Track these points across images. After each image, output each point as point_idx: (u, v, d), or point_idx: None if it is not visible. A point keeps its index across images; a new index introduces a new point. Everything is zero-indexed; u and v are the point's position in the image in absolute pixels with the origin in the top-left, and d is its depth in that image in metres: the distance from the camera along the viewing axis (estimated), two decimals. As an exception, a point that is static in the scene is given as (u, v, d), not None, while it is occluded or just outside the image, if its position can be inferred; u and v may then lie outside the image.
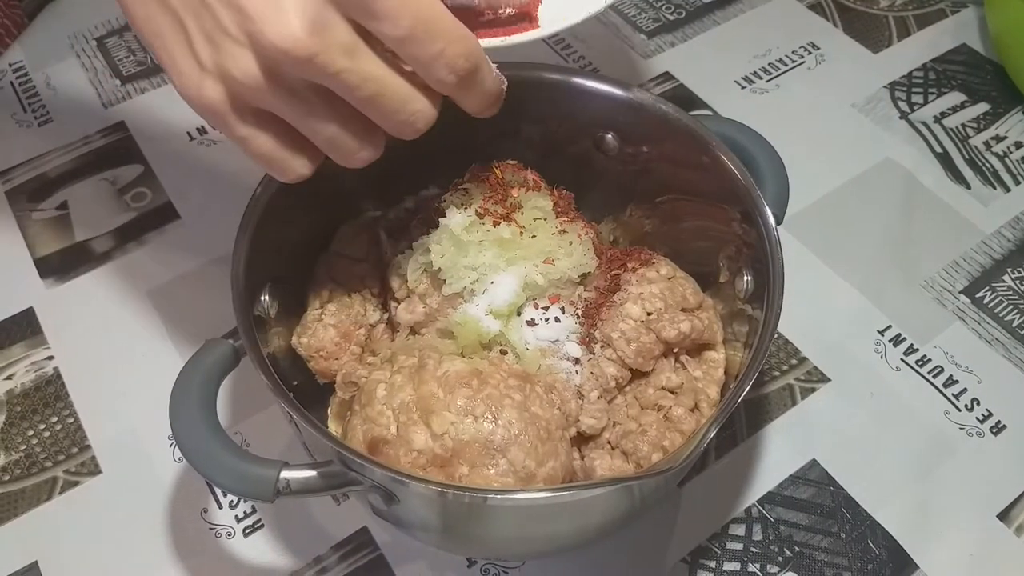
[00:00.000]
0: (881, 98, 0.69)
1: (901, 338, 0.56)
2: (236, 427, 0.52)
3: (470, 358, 0.43)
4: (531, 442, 0.39)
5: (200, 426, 0.37)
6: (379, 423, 0.40)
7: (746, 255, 0.46)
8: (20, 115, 0.69)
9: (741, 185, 0.45)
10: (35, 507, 0.50)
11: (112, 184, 0.65)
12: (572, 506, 0.38)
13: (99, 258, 0.61)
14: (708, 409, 0.45)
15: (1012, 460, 0.51)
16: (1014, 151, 0.66)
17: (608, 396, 0.45)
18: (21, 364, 0.56)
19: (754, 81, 0.71)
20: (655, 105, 0.48)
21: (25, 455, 0.52)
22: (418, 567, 0.48)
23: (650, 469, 0.39)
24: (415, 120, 0.36)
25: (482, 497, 0.36)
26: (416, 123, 0.36)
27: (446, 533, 0.43)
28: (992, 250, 0.60)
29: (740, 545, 0.48)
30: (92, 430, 0.53)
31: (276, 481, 0.36)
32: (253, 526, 0.49)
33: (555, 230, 0.46)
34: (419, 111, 0.36)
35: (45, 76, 0.72)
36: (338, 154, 0.37)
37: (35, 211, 0.63)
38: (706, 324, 0.47)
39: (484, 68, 0.36)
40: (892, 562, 0.48)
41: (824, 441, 0.52)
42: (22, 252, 0.61)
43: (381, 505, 0.39)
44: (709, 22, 0.75)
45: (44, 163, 0.66)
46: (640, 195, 0.52)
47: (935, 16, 0.75)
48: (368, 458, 0.37)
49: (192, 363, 0.39)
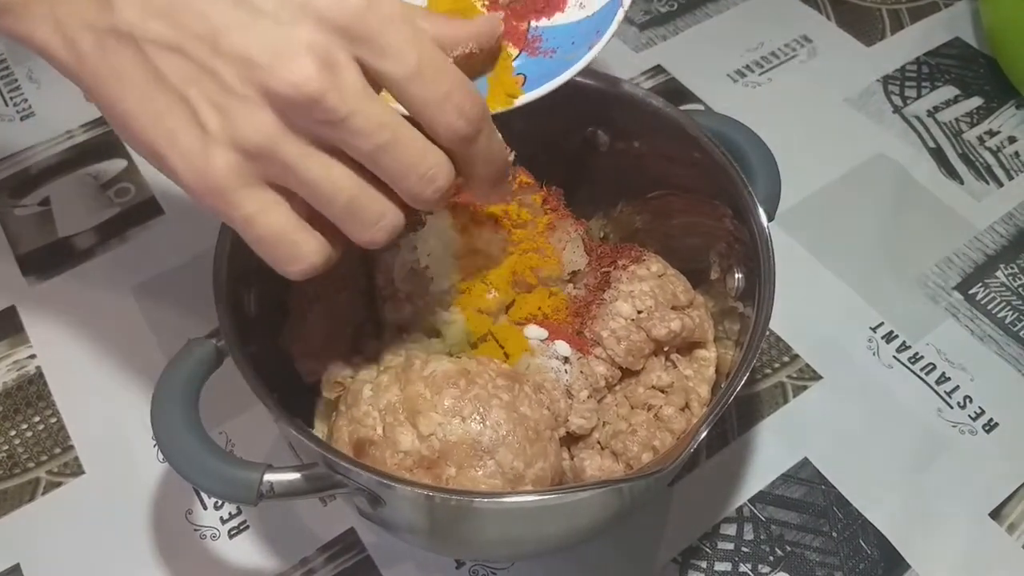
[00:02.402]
0: (874, 92, 0.69)
1: (893, 335, 0.56)
2: (221, 427, 0.52)
3: (458, 357, 0.42)
4: (519, 443, 0.39)
5: (182, 428, 0.37)
6: (365, 424, 0.40)
7: (737, 252, 0.46)
8: (2, 109, 0.68)
9: (732, 181, 0.44)
10: (17, 508, 0.49)
11: (95, 179, 0.64)
12: (561, 508, 0.38)
13: (82, 255, 0.60)
14: (699, 408, 0.45)
15: (1004, 458, 0.51)
16: (1007, 146, 0.65)
17: (598, 395, 0.44)
18: (3, 363, 0.55)
19: (746, 75, 0.70)
20: (646, 100, 0.48)
21: (7, 456, 0.51)
22: (405, 568, 0.47)
23: (640, 470, 0.39)
24: (436, 175, 0.33)
25: (469, 500, 0.36)
26: (437, 180, 0.33)
27: (433, 535, 0.43)
28: (985, 246, 0.60)
29: (731, 545, 0.48)
30: (75, 430, 0.52)
31: (259, 484, 0.36)
32: (238, 527, 0.48)
33: (542, 228, 0.45)
34: (438, 165, 0.33)
35: (27, 69, 0.71)
36: (358, 223, 0.33)
37: (17, 207, 0.62)
38: (697, 322, 0.46)
39: (490, 124, 0.34)
40: (884, 561, 0.47)
41: (816, 439, 0.52)
42: (4, 249, 0.60)
43: (367, 508, 0.39)
44: (701, 15, 0.75)
45: (26, 158, 0.65)
46: (631, 191, 0.52)
47: (928, 9, 0.75)
48: (354, 461, 0.37)
49: (174, 364, 0.39)
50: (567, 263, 0.46)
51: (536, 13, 0.44)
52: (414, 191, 0.33)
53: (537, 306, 0.44)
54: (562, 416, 0.42)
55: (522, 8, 0.44)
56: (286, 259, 0.33)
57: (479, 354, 0.43)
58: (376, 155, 0.32)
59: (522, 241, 0.44)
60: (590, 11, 0.43)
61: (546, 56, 0.43)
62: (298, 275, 0.34)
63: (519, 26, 0.43)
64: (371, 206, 0.33)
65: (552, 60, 0.43)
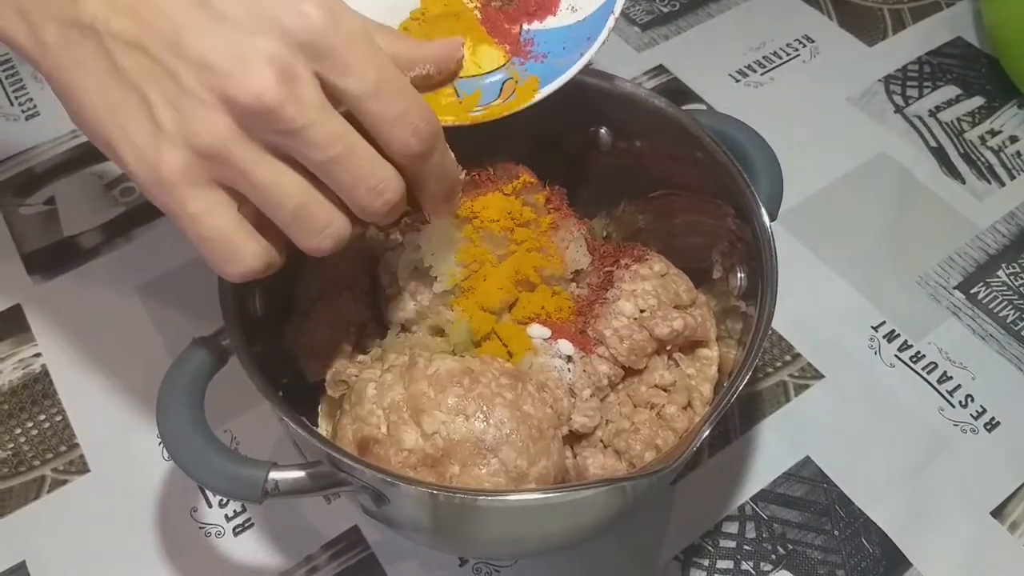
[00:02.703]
0: (876, 92, 0.69)
1: (895, 334, 0.56)
2: (226, 424, 0.52)
3: (461, 356, 0.42)
4: (523, 441, 0.39)
5: (187, 427, 0.37)
6: (369, 422, 0.40)
7: (740, 251, 0.46)
8: (7, 109, 0.68)
9: (735, 181, 0.44)
10: (23, 506, 0.50)
11: (100, 179, 0.64)
12: (564, 507, 0.38)
13: (87, 254, 0.60)
14: (701, 407, 0.45)
15: (1006, 457, 0.51)
16: (1009, 145, 0.65)
17: (601, 394, 0.44)
18: (8, 362, 0.55)
19: (748, 74, 0.70)
20: (648, 100, 0.48)
21: (13, 454, 0.51)
22: (409, 566, 0.47)
23: (643, 469, 0.39)
24: (384, 188, 0.33)
25: (473, 498, 0.36)
26: (385, 193, 0.34)
27: (437, 533, 0.43)
28: (987, 245, 0.60)
29: (733, 543, 0.48)
30: (80, 428, 0.52)
31: (264, 482, 0.36)
32: (243, 525, 0.49)
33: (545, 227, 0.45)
34: (388, 179, 0.34)
35: (33, 70, 0.70)
36: (305, 230, 0.34)
37: (22, 206, 0.63)
38: (699, 321, 0.46)
39: (443, 143, 0.35)
40: (885, 559, 0.47)
41: (818, 438, 0.52)
42: (9, 248, 0.60)
43: (371, 506, 0.39)
44: (703, 14, 0.75)
45: (31, 157, 0.65)
46: (633, 190, 0.52)
47: (930, 9, 0.75)
48: (358, 459, 0.37)
49: (179, 363, 0.39)
50: (570, 262, 0.46)
51: (528, 16, 0.44)
52: (363, 203, 0.34)
53: (540, 305, 0.45)
54: (565, 415, 0.42)
55: (514, 11, 0.44)
56: (224, 260, 0.34)
57: (482, 353, 0.43)
58: (328, 166, 0.32)
59: (525, 240, 0.45)
60: (582, 15, 0.44)
61: (537, 61, 0.43)
62: (236, 277, 0.34)
63: (511, 29, 0.44)
64: (318, 213, 0.34)
65: (543, 65, 0.43)
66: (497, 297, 0.44)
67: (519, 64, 0.43)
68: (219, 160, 0.32)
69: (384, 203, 0.34)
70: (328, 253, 0.34)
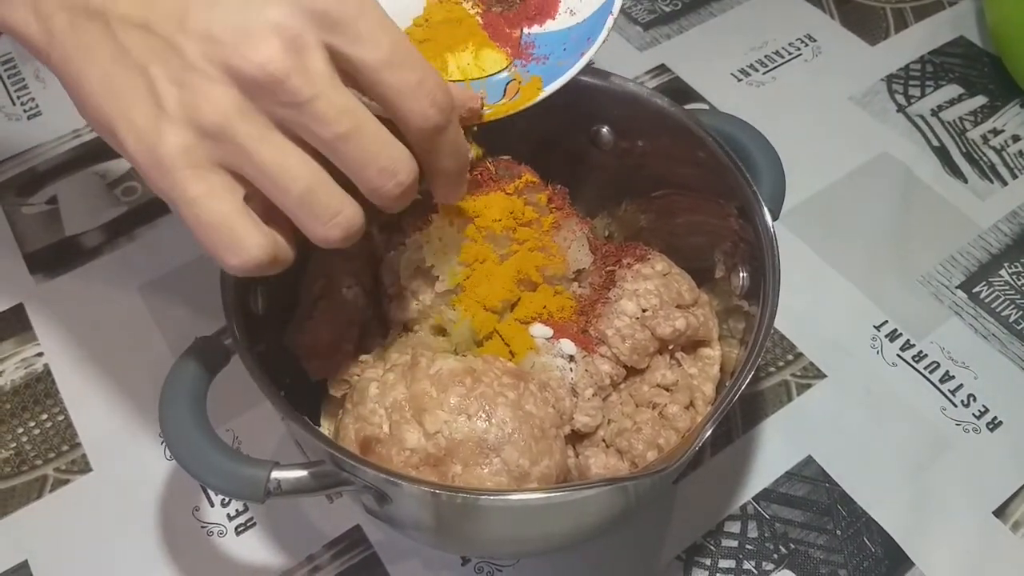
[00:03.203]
0: (878, 91, 0.69)
1: (897, 334, 0.56)
2: (228, 424, 0.52)
3: (463, 356, 0.42)
4: (525, 441, 0.39)
5: (189, 426, 0.37)
6: (371, 422, 0.40)
7: (742, 251, 0.46)
8: (9, 108, 0.68)
9: (737, 180, 0.44)
10: (25, 505, 0.50)
11: (102, 178, 0.64)
12: (566, 506, 0.38)
13: (89, 253, 0.60)
14: (703, 406, 0.45)
15: (1008, 456, 0.51)
16: (1011, 144, 0.65)
17: (603, 394, 0.44)
18: (11, 361, 0.55)
19: (750, 74, 0.70)
20: (650, 99, 0.48)
21: (15, 453, 0.51)
22: (411, 565, 0.47)
23: (645, 468, 0.39)
24: (397, 169, 0.32)
25: (475, 498, 0.36)
26: (399, 174, 0.32)
27: (439, 533, 0.43)
28: (989, 245, 0.60)
29: (735, 542, 0.48)
30: (83, 428, 0.52)
31: (267, 482, 0.36)
32: (245, 524, 0.49)
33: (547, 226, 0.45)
34: (400, 159, 0.32)
35: (35, 69, 0.71)
36: (312, 216, 0.32)
37: (24, 205, 0.63)
38: (701, 321, 0.46)
39: (457, 115, 0.34)
40: (888, 559, 0.47)
41: (820, 438, 0.52)
42: (11, 247, 0.60)
43: (374, 505, 0.39)
44: (705, 13, 0.75)
45: (34, 157, 0.65)
46: (635, 190, 0.52)
47: (932, 8, 0.75)
48: (360, 458, 0.37)
49: (181, 362, 0.39)
50: (572, 262, 0.46)
51: (528, 20, 0.45)
52: (374, 184, 0.32)
53: (542, 304, 0.45)
54: (567, 414, 0.42)
55: (515, 15, 0.45)
56: (225, 247, 0.31)
57: (484, 352, 0.43)
58: (337, 143, 0.31)
59: (527, 240, 0.44)
60: (580, 18, 0.44)
61: (539, 62, 0.44)
62: (239, 268, 0.32)
63: (512, 33, 0.44)
64: (328, 200, 0.32)
65: (545, 66, 0.44)
66: (499, 296, 0.44)
67: (521, 66, 0.44)
68: (223, 139, 0.30)
69: (397, 184, 0.32)
70: (338, 244, 0.33)
